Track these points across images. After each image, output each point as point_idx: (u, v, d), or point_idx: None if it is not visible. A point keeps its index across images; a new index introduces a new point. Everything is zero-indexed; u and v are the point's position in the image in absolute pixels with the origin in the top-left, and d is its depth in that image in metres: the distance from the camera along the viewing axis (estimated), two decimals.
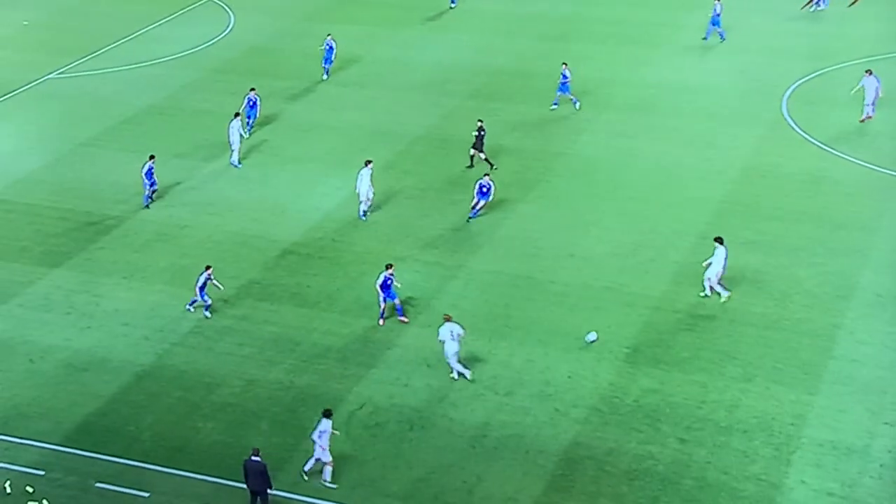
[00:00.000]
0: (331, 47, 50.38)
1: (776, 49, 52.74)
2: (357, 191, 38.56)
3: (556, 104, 46.92)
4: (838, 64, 50.45)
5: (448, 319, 30.91)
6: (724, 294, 33.83)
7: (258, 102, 45.47)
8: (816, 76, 49.07)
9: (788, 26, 55.75)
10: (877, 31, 54.41)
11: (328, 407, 28.45)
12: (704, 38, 53.65)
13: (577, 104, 46.79)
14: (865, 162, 42.14)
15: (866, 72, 44.44)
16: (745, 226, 38.23)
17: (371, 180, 38.39)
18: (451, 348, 30.72)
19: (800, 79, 49.06)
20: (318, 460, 27.53)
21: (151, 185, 40.17)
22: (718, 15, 53.06)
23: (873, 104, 43.94)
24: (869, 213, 38.90)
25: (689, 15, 56.65)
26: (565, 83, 46.57)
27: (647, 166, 42.54)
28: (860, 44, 52.80)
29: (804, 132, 44.61)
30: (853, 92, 44.94)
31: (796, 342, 32.26)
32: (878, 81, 43.88)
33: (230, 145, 42.93)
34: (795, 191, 40.52)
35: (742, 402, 29.92)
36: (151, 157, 40.31)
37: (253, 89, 45.56)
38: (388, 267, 33.43)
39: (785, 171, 41.92)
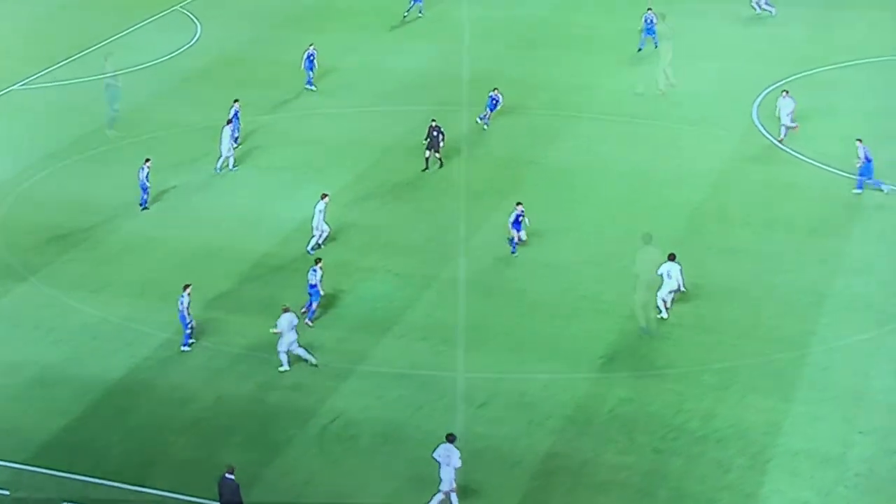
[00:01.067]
0: (311, 57, 49.90)
1: (747, 55, 52.79)
2: (313, 223, 37.60)
3: (485, 119, 46.06)
4: (808, 70, 50.60)
5: (286, 310, 31.40)
6: (663, 313, 33.54)
7: (238, 115, 44.86)
8: (786, 83, 49.08)
9: (759, 32, 55.88)
10: (850, 39, 54.57)
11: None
12: (639, 49, 53.32)
13: (485, 122, 45.89)
14: (837, 169, 42.22)
15: (783, 92, 44.50)
16: (718, 233, 38.22)
17: (325, 215, 37.18)
18: (290, 337, 31.27)
19: (770, 85, 49.12)
20: (446, 493, 26.30)
21: (144, 189, 39.99)
22: (653, 23, 53.05)
23: (790, 120, 43.95)
24: (840, 220, 38.96)
25: (663, 22, 56.62)
26: (495, 104, 46.00)
27: (620, 173, 42.46)
28: (831, 51, 52.94)
29: (775, 139, 44.66)
30: (776, 113, 44.53)
31: (770, 350, 32.23)
32: (793, 102, 43.80)
33: (221, 151, 42.78)
34: (768, 197, 40.54)
35: (717, 411, 29.82)
36: (147, 161, 39.98)
37: (237, 101, 44.95)
38: (317, 262, 33.68)
39: (757, 177, 41.94)
